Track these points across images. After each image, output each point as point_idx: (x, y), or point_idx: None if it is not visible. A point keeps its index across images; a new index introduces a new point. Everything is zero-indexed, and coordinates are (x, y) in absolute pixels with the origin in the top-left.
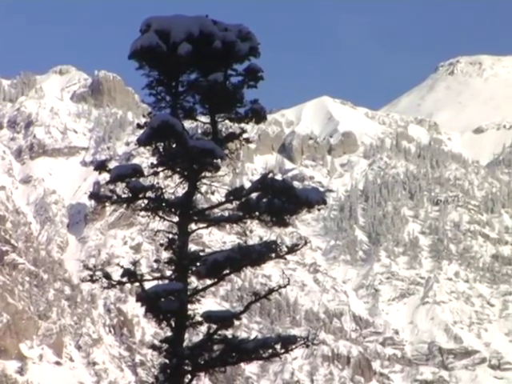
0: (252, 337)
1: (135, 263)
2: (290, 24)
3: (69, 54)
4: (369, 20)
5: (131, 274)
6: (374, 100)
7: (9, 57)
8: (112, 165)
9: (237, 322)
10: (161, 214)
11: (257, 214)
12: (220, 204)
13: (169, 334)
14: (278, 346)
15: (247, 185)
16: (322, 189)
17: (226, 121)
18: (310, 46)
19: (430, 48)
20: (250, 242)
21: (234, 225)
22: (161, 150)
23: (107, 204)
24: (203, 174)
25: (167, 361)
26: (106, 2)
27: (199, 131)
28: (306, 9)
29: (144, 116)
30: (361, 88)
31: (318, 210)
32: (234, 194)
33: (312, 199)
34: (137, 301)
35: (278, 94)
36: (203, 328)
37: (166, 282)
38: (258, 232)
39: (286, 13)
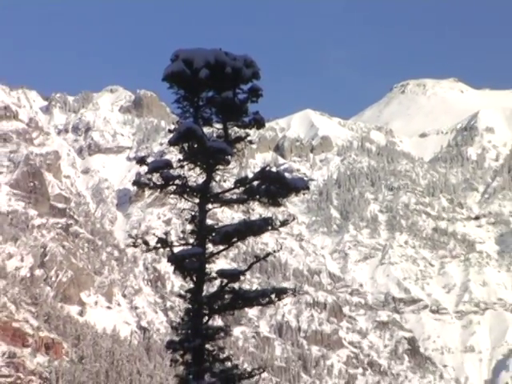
0: (253, 288)
1: (166, 233)
2: (284, 53)
3: (118, 75)
4: (344, 51)
5: (163, 242)
6: (345, 112)
7: (73, 78)
8: (149, 160)
9: (242, 278)
10: (185, 196)
11: (257, 197)
12: (230, 189)
13: (191, 286)
14: (273, 296)
15: (250, 175)
16: (305, 178)
17: (235, 127)
18: (299, 70)
19: (386, 73)
20: (252, 218)
21: (241, 205)
22: (186, 149)
23: (146, 189)
24: (217, 167)
25: (190, 306)
26: (143, 36)
27: (214, 135)
28: (297, 42)
29: (173, 123)
30: (335, 103)
31: (303, 194)
32: (240, 182)
33: (298, 186)
34: (168, 261)
35: (273, 107)
36: (217, 282)
37: (190, 247)
38: (258, 210)
39: (284, 44)
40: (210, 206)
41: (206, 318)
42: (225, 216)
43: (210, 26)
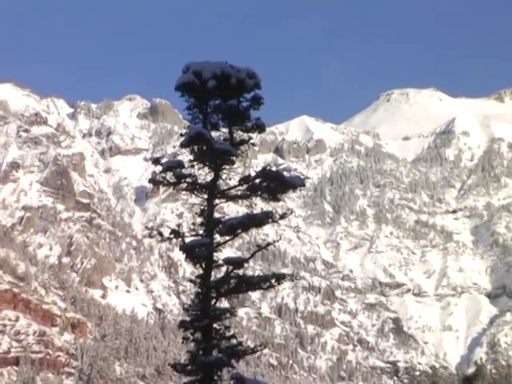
0: (256, 274)
1: (179, 226)
2: (283, 65)
3: (136, 84)
4: (338, 64)
5: (176, 233)
6: (337, 118)
7: (96, 87)
8: (163, 160)
9: (246, 265)
10: (195, 193)
11: (259, 193)
12: (235, 186)
13: (201, 272)
14: (273, 281)
15: (253, 174)
16: (302, 176)
17: (239, 131)
18: (296, 80)
19: (374, 83)
20: (255, 212)
21: (244, 200)
22: (196, 150)
23: (160, 186)
24: (224, 167)
25: (200, 290)
26: (158, 50)
27: (221, 138)
28: (295, 55)
29: (185, 128)
30: (328, 109)
31: (300, 190)
32: (244, 180)
33: (295, 183)
34: (180, 250)
35: (273, 113)
36: (223, 268)
37: (199, 238)
38: (259, 205)
39: (282, 57)
40: (217, 201)
41: (214, 300)
42: (230, 210)
43: (218, 40)
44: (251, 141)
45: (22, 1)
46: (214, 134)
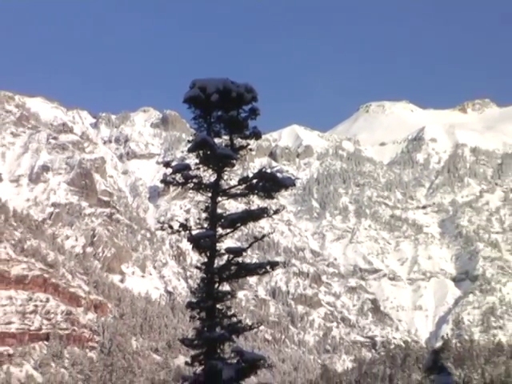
0: (253, 262)
1: (186, 220)
2: (279, 80)
3: (149, 97)
4: (325, 79)
5: (184, 226)
6: (323, 126)
7: (115, 100)
8: (173, 163)
9: (244, 254)
10: (201, 191)
11: (256, 191)
12: (235, 186)
13: (205, 260)
14: (268, 267)
15: (250, 175)
16: (292, 177)
17: (238, 138)
18: (289, 94)
19: (354, 96)
20: (252, 208)
21: (243, 198)
22: (201, 155)
23: (170, 186)
24: (225, 169)
25: (205, 275)
26: (169, 67)
27: (223, 144)
28: (290, 72)
29: (191, 135)
30: (316, 119)
31: (291, 189)
32: (243, 180)
33: (287, 183)
34: (188, 241)
35: (268, 123)
36: (225, 257)
37: (204, 230)
38: (256, 202)
39: (276, 74)
40: (219, 198)
41: (217, 284)
42: (231, 206)
43: (221, 58)
44: (249, 146)
45: (48, 23)
46: (216, 140)
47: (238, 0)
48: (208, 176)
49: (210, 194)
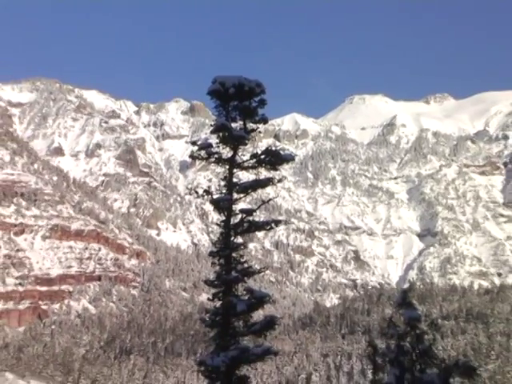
0: (261, 220)
1: (209, 187)
2: (282, 75)
3: (180, 89)
4: (319, 75)
5: (207, 192)
6: (317, 114)
7: (154, 91)
8: (199, 143)
9: (254, 214)
10: (220, 164)
11: (263, 165)
12: (247, 161)
13: (224, 218)
14: (272, 224)
15: (259, 152)
16: (292, 154)
17: (250, 123)
18: (290, 87)
19: (341, 90)
20: (261, 177)
21: (254, 170)
22: (221, 136)
23: (197, 160)
24: (239, 147)
25: (223, 230)
26: (197, 64)
27: (238, 128)
28: (291, 69)
29: (213, 121)
30: (311, 108)
31: (291, 163)
32: (253, 156)
33: (288, 158)
34: (210, 203)
35: (273, 111)
36: (239, 216)
37: (223, 195)
38: (264, 173)
39: (282, 70)
40: (235, 170)
41: (233, 237)
42: (244, 176)
43: (235, 57)
44: (258, 130)
45: (92, 26)
46: (233, 124)
47: (249, 7)
48: (226, 152)
49: (227, 167)
